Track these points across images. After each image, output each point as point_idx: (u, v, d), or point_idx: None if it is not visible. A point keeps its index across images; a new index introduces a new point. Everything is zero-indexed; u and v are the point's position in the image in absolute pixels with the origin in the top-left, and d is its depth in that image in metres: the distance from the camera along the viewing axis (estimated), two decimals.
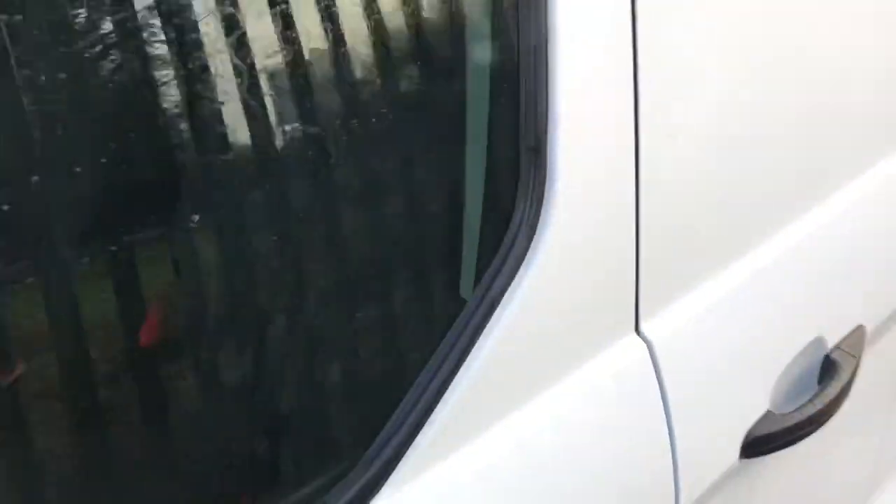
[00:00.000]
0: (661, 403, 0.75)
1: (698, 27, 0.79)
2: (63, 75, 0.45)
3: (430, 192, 0.66)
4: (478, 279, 0.64)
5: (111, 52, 0.47)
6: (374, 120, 0.60)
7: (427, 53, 0.63)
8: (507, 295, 0.63)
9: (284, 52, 0.55)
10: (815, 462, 1.00)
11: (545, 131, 0.65)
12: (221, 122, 0.51)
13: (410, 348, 0.64)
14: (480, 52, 0.66)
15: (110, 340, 0.49)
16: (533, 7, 0.63)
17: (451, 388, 0.61)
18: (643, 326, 0.75)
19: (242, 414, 0.56)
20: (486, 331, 0.62)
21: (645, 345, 0.75)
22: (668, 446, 0.75)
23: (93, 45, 0.46)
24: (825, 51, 1.00)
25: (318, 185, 0.58)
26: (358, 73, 0.59)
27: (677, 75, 0.76)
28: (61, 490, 0.49)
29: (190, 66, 0.50)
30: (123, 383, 0.50)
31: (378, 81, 0.60)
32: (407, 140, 0.62)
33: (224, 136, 0.52)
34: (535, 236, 0.65)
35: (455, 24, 0.65)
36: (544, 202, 0.65)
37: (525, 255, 0.64)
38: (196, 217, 0.51)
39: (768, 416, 0.85)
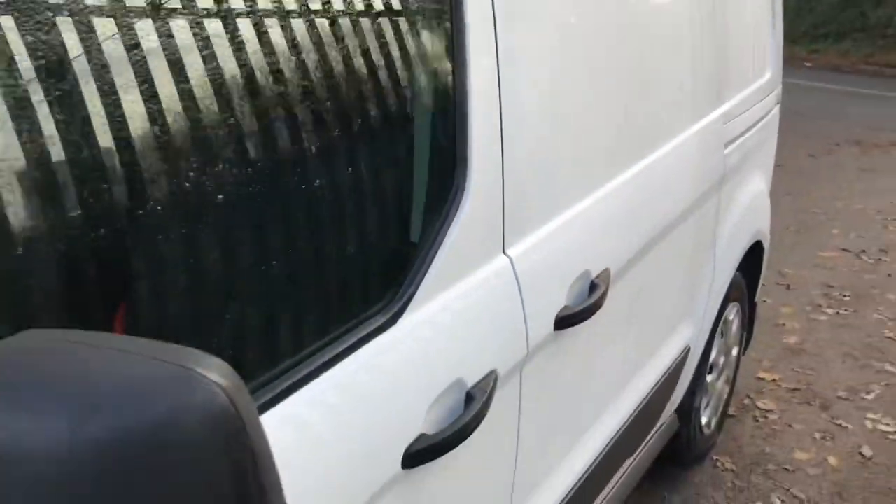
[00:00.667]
0: (519, 297, 1.30)
1: (544, 37, 1.39)
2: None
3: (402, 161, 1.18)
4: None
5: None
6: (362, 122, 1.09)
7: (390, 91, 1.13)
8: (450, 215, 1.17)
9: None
10: (596, 343, 1.66)
11: (461, 128, 1.18)
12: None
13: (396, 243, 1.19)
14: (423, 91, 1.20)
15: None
16: (455, 60, 1.17)
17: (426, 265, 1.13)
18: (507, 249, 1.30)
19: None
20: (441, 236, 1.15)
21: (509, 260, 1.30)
22: (523, 324, 1.30)
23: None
24: (634, 59, 1.76)
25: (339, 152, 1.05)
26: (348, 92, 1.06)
27: (521, 73, 1.30)
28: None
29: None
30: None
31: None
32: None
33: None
34: (462, 196, 1.18)
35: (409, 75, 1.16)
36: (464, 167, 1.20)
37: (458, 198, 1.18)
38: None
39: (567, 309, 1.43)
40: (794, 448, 2.99)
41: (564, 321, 1.41)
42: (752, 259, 2.85)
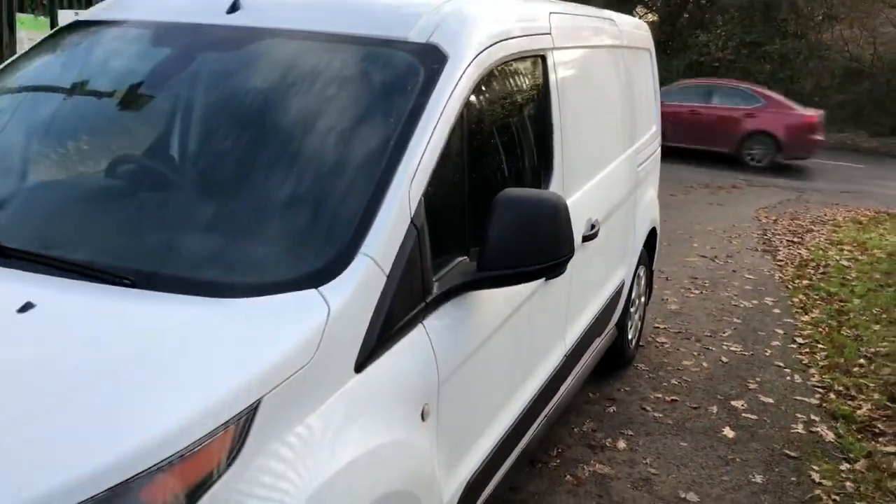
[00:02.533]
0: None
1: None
2: None
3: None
4: None
5: None
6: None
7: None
8: None
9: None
10: (592, 257, 3.33)
11: (549, 136, 2.72)
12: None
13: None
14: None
15: None
16: (545, 103, 2.83)
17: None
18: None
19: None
20: None
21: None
22: (577, 235, 2.98)
23: None
24: (604, 113, 3.56)
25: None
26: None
27: (567, 113, 3.16)
28: None
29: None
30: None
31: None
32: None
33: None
34: (549, 176, 2.79)
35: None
36: None
37: None
38: None
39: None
40: (682, 360, 4.73)
41: (585, 238, 3.02)
42: (650, 241, 4.61)
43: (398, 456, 1.79)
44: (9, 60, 2.60)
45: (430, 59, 2.14)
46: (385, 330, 1.78)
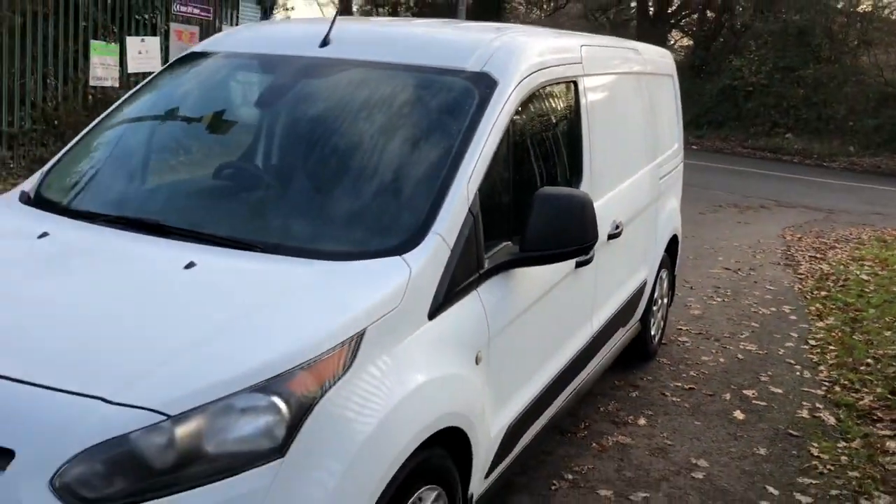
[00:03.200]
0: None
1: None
2: None
3: None
4: None
5: None
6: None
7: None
8: None
9: None
10: (618, 254, 3.70)
11: (578, 149, 3.33)
12: None
13: None
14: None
15: None
16: (576, 123, 3.33)
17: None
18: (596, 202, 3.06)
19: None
20: None
21: None
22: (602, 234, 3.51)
23: None
24: (630, 131, 4.17)
25: None
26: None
27: (596, 130, 3.71)
28: None
29: None
30: None
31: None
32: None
33: None
34: (579, 181, 3.43)
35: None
36: None
37: None
38: None
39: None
40: (701, 356, 5.20)
41: (610, 237, 3.55)
42: (672, 247, 5.12)
43: (457, 385, 2.33)
44: (143, 83, 3.24)
45: (484, 85, 2.72)
46: (450, 290, 2.34)
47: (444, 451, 2.29)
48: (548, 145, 3.19)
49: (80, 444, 1.68)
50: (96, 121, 3.10)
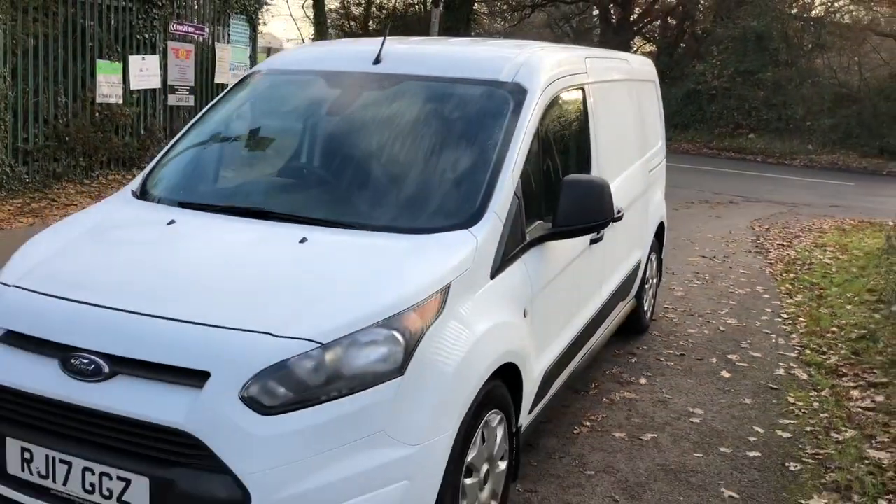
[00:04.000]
0: None
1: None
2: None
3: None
4: None
5: None
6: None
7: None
8: None
9: None
10: (620, 234, 4.45)
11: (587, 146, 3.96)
12: None
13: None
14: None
15: None
16: (585, 125, 3.98)
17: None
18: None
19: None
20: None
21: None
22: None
23: None
24: (626, 129, 4.89)
25: None
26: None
27: (600, 129, 4.42)
28: None
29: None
30: None
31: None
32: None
33: None
34: (590, 169, 4.16)
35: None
36: None
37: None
38: None
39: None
40: (687, 329, 5.86)
41: (615, 219, 4.17)
42: (660, 233, 5.78)
43: (514, 331, 2.93)
44: (218, 97, 3.81)
45: (517, 93, 3.33)
46: (504, 257, 2.94)
47: (503, 384, 2.89)
48: (564, 141, 3.81)
49: (259, 366, 2.25)
50: (183, 129, 3.65)
